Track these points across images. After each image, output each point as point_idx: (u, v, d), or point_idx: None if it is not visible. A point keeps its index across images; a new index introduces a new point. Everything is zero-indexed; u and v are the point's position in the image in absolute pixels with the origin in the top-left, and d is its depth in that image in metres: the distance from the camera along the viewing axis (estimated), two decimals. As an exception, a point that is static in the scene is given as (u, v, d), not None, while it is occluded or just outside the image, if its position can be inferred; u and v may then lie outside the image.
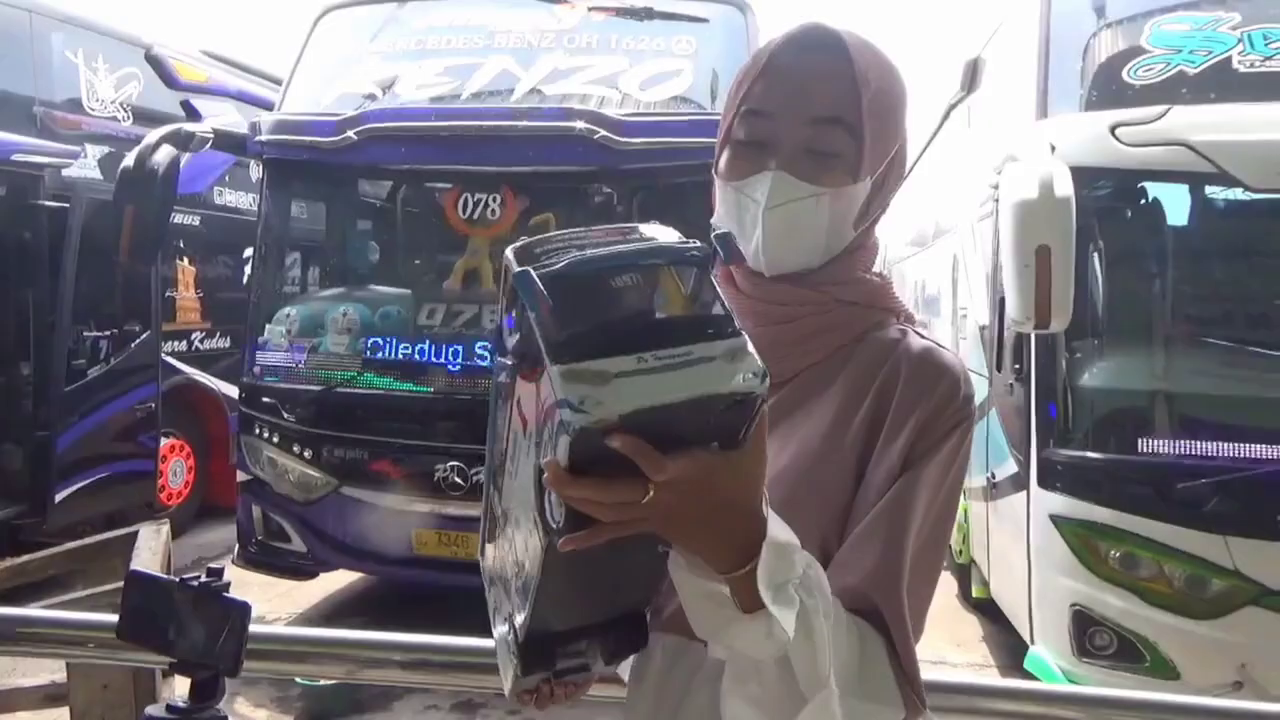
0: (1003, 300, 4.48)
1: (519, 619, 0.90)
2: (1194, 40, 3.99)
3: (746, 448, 0.76)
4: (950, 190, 6.38)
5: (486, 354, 4.69)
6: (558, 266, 0.73)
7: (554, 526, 0.75)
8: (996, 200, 4.45)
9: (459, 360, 4.72)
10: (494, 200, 4.85)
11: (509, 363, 0.81)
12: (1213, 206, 4.12)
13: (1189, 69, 3.94)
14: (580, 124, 4.55)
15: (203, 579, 1.21)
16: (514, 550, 0.89)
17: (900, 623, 0.91)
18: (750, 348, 0.73)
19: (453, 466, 4.56)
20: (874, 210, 1.07)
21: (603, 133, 4.54)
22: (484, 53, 5.09)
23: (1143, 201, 4.09)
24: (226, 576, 1.23)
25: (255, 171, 6.51)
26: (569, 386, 0.69)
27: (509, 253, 0.77)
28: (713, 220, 1.10)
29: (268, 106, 6.30)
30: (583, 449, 0.70)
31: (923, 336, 1.04)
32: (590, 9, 5.13)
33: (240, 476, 5.10)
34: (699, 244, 0.76)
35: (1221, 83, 3.89)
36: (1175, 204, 4.11)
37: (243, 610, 1.20)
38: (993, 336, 4.90)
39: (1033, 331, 3.59)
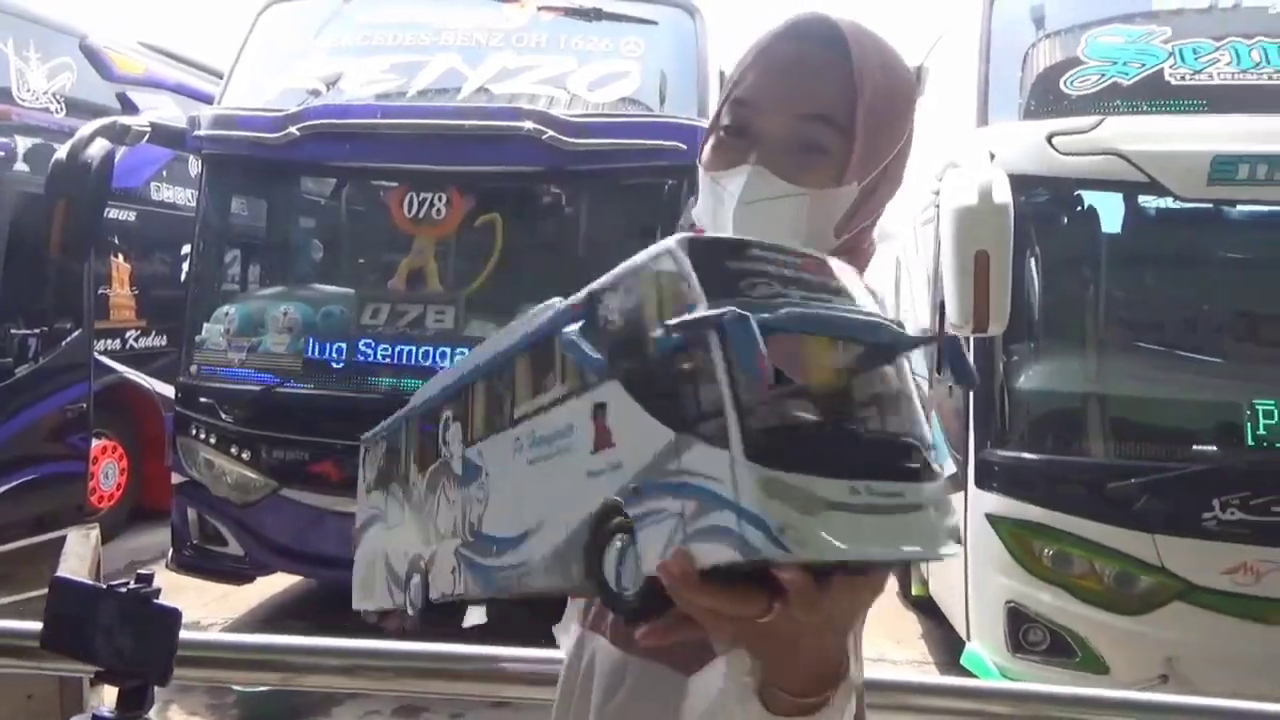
0: (943, 304, 4.56)
1: (444, 586, 0.82)
2: (1128, 53, 4.11)
3: (875, 575, 0.66)
4: (900, 195, 6.48)
5: (431, 354, 4.64)
6: (779, 316, 0.58)
7: (623, 596, 0.63)
8: (938, 206, 4.53)
9: (403, 360, 4.67)
10: (440, 200, 4.80)
11: (598, 356, 0.64)
12: (1145, 214, 4.25)
13: (1123, 80, 4.05)
14: (528, 124, 4.53)
15: (131, 585, 1.17)
16: (473, 513, 0.79)
17: None
18: (947, 494, 0.63)
19: (396, 468, 4.50)
20: (860, 217, 1.00)
21: (551, 133, 4.53)
22: (431, 50, 5.04)
23: (1078, 209, 4.20)
24: (158, 582, 1.20)
25: (194, 166, 6.38)
26: (768, 502, 0.54)
27: (683, 249, 0.62)
28: (692, 211, 1.04)
29: (208, 100, 6.17)
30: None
31: None
32: (539, 9, 5.12)
33: (175, 479, 4.97)
34: (900, 328, 0.65)
35: (1154, 94, 4.01)
36: (1110, 211, 4.23)
37: (172, 617, 1.16)
38: (934, 339, 4.98)
39: (971, 335, 3.66)
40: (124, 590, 1.16)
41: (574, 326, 0.67)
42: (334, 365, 4.74)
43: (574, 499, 0.67)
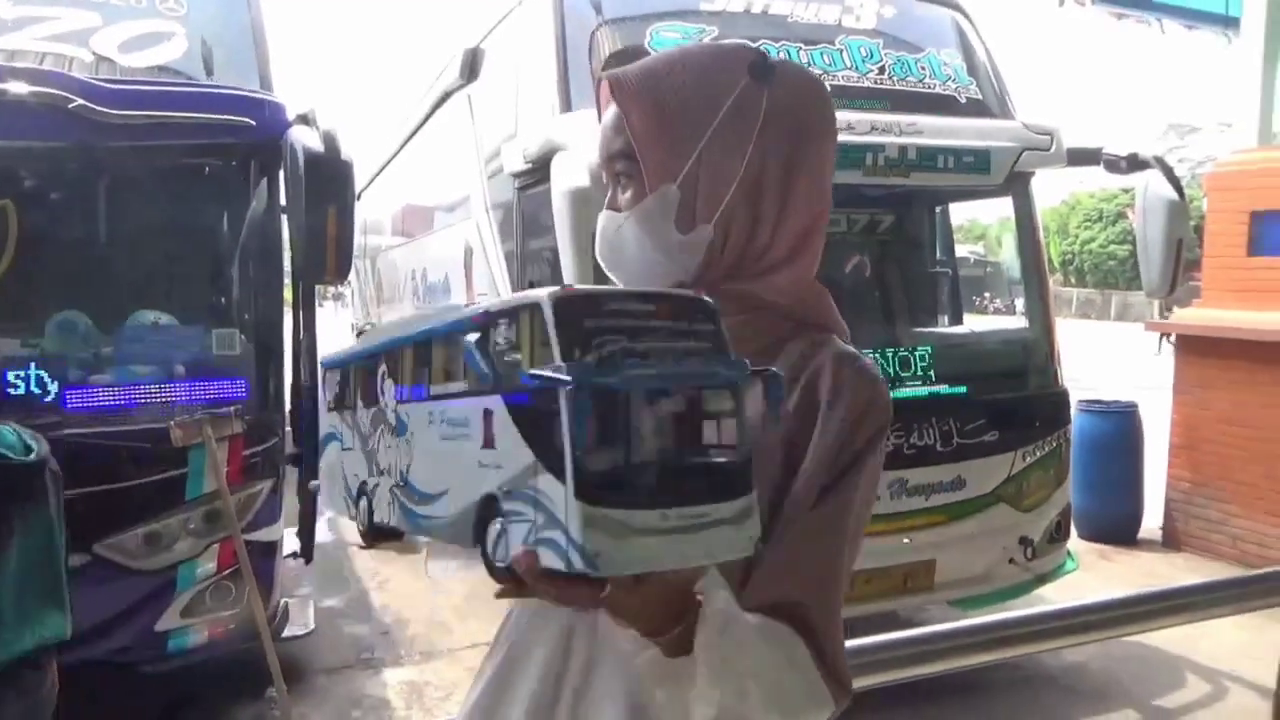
0: (532, 283, 4.66)
1: (381, 514, 0.99)
2: (686, 48, 4.51)
3: (684, 570, 0.81)
4: (455, 180, 6.43)
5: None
6: (612, 381, 0.70)
7: (496, 566, 0.79)
8: (523, 188, 4.62)
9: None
10: (-75, 183, 3.72)
11: (487, 371, 0.79)
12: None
13: (684, 73, 4.44)
14: (51, 89, 3.66)
15: None
16: (402, 462, 0.94)
17: (835, 630, 0.98)
18: (756, 504, 0.75)
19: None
20: (708, 205, 1.03)
21: (81, 101, 3.72)
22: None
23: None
24: None
25: None
26: (589, 533, 0.68)
27: (550, 308, 0.72)
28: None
29: None
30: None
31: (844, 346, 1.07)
32: (44, -51, 4.15)
33: None
34: (742, 365, 0.76)
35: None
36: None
37: None
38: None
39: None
40: None
41: (473, 336, 0.80)
42: None
43: (469, 481, 0.81)
